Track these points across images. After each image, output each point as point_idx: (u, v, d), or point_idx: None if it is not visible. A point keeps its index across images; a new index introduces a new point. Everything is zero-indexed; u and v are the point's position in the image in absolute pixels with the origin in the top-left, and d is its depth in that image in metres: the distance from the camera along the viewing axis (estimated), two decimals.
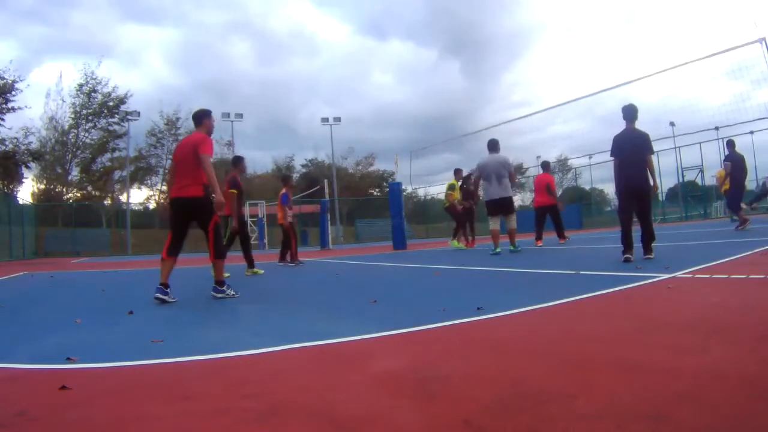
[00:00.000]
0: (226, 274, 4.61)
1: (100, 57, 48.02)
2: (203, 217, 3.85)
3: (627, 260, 4.49)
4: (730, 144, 9.10)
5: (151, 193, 41.23)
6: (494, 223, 7.51)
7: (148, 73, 52.98)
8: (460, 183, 9.87)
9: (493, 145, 7.50)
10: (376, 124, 60.21)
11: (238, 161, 7.04)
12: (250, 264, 6.79)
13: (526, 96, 62.42)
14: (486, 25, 61.80)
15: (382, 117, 61.45)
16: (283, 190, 8.01)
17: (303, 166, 45.81)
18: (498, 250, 7.14)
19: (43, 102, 41.24)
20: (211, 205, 3.91)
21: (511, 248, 7.22)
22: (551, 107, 17.85)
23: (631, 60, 58.24)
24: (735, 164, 8.73)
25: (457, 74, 63.56)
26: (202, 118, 4.12)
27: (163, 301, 3.60)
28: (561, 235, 9.29)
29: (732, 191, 8.93)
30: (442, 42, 64.78)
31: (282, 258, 8.24)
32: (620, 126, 4.97)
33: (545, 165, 10.45)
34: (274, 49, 61.12)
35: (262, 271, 6.70)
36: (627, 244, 4.68)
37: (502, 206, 7.41)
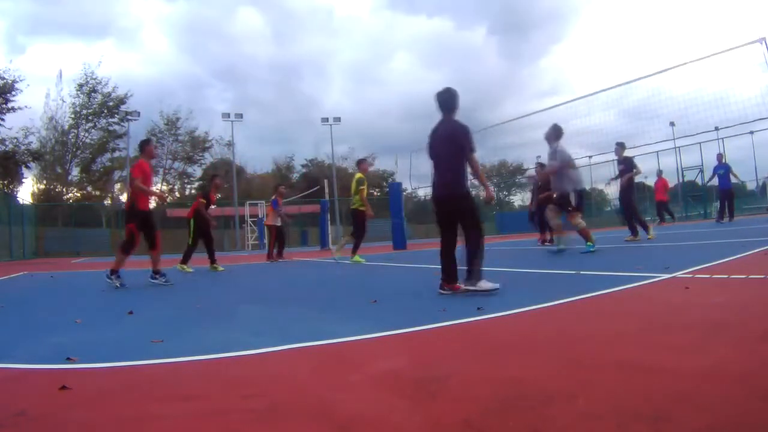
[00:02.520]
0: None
1: (103, 36, 47.25)
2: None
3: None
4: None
5: None
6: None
7: (150, 58, 52.50)
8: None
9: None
10: (388, 115, 58.38)
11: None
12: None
13: (554, 86, 58.59)
14: (519, 9, 59.27)
15: (401, 109, 59.32)
16: (274, 196, 9.49)
17: (303, 166, 45.81)
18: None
19: (42, 94, 41.07)
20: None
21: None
22: (570, 101, 17.57)
23: (632, 56, 57.99)
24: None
25: (485, 62, 61.00)
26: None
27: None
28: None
29: None
30: (476, 24, 62.31)
31: (270, 256, 9.42)
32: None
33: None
34: (292, 27, 58.77)
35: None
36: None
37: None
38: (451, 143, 3.37)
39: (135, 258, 18.75)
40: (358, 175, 7.91)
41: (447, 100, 3.45)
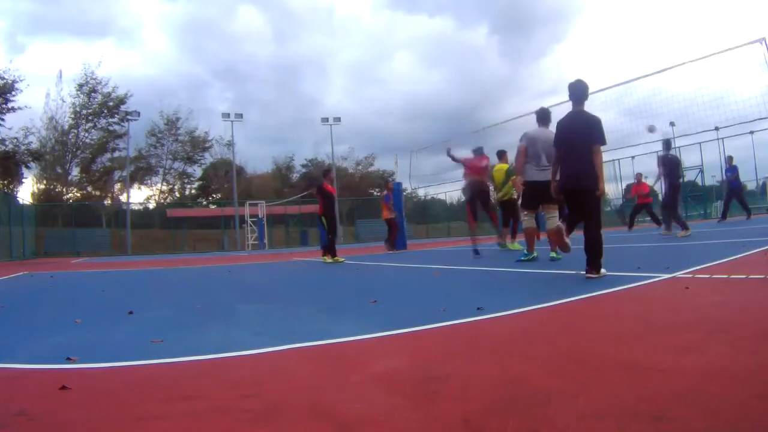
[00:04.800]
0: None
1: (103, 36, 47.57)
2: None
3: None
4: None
5: (151, 193, 41.30)
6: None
7: (150, 57, 52.52)
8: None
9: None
10: (388, 115, 58.01)
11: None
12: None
13: (554, 86, 56.70)
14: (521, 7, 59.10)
15: (401, 109, 59.08)
16: (385, 192, 10.87)
17: (303, 166, 45.85)
18: (535, 254, 5.54)
19: (42, 94, 41.15)
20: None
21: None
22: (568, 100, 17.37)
23: (632, 56, 57.91)
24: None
25: (486, 62, 60.42)
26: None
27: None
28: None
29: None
30: (474, 25, 61.89)
31: (390, 246, 10.73)
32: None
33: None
34: (293, 26, 58.63)
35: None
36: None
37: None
38: (586, 134, 3.53)
39: (135, 258, 18.70)
40: (505, 166, 7.79)
41: (580, 90, 3.65)
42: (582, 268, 3.57)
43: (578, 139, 3.56)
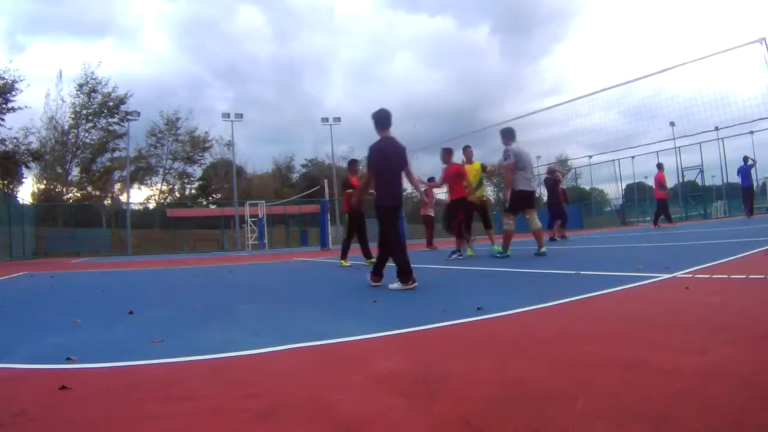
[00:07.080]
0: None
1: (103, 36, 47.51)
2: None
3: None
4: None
5: (151, 193, 41.32)
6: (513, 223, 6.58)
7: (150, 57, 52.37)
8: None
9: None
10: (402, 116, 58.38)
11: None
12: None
13: (555, 85, 57.92)
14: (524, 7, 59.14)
15: (402, 109, 59.36)
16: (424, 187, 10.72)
17: (303, 166, 45.87)
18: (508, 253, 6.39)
19: (42, 94, 41.15)
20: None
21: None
22: (571, 100, 17.31)
23: (633, 56, 57.84)
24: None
25: (487, 61, 61.00)
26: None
27: None
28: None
29: None
30: (475, 24, 62.17)
31: (429, 244, 10.91)
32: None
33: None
34: (293, 26, 58.71)
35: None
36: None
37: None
38: (402, 159, 4.16)
39: (135, 258, 18.69)
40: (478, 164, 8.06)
41: (383, 117, 4.08)
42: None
43: (396, 163, 4.09)
